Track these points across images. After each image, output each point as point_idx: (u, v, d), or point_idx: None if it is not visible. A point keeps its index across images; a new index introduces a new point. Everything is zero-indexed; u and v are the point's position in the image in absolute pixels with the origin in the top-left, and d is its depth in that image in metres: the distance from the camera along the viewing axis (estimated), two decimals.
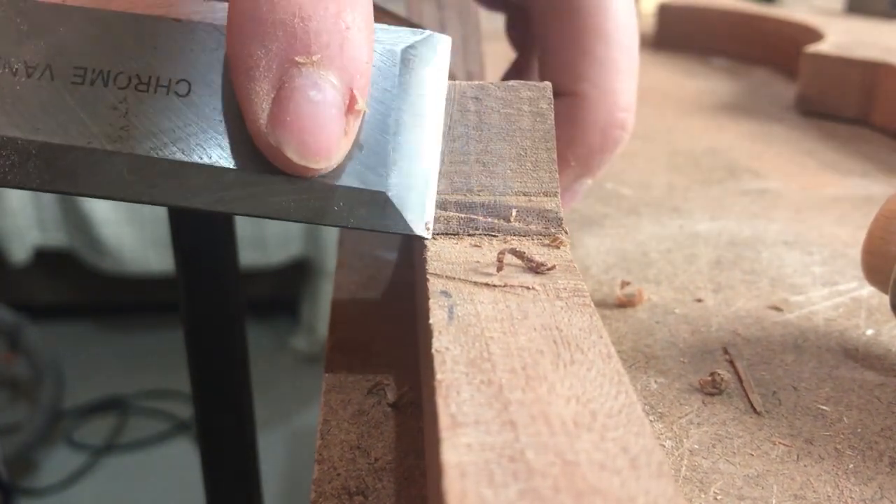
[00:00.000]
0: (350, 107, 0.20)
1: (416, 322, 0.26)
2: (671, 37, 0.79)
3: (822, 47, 0.57)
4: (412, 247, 0.29)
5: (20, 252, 1.87)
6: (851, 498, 0.20)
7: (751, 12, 0.73)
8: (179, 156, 0.21)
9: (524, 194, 0.23)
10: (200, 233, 0.47)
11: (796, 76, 0.59)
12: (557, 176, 0.24)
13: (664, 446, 0.22)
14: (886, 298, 0.31)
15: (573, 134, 0.29)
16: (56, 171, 0.21)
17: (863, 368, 0.26)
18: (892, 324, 0.29)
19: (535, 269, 0.21)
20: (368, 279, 0.31)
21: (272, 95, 0.20)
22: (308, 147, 0.20)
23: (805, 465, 0.22)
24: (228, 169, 0.21)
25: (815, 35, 0.64)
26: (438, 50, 0.23)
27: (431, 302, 0.19)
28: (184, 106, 0.21)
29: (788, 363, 0.26)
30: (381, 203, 0.21)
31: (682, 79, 0.68)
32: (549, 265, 0.21)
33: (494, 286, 0.20)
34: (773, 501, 0.20)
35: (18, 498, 1.61)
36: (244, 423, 0.54)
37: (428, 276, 0.21)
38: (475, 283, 0.20)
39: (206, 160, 0.21)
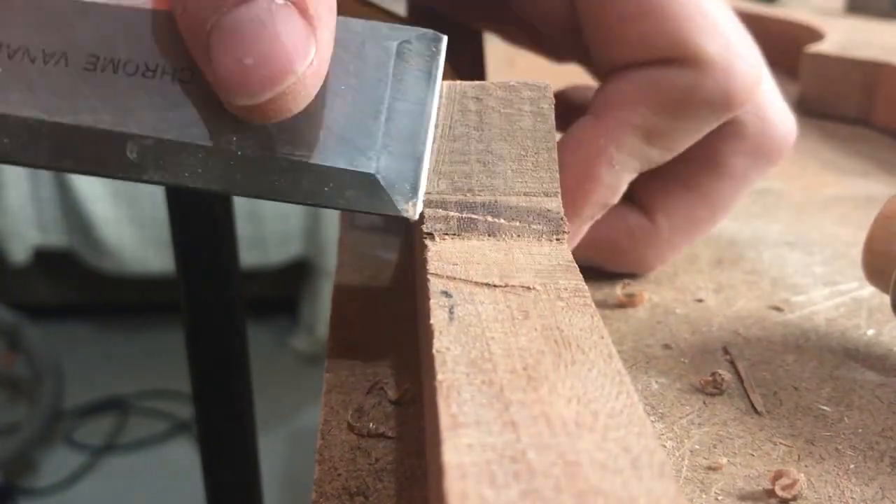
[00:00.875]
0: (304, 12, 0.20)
1: (417, 322, 0.26)
2: None
3: (822, 47, 0.57)
4: (413, 247, 0.29)
5: (20, 252, 1.87)
6: (853, 498, 0.20)
7: (751, 12, 0.73)
8: (180, 137, 0.22)
9: (525, 194, 0.23)
10: (200, 233, 0.47)
11: (796, 76, 0.59)
12: (558, 175, 0.24)
13: (665, 446, 0.22)
14: (887, 299, 0.31)
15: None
16: (64, 150, 0.22)
17: (864, 369, 0.26)
18: (893, 324, 0.29)
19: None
20: (368, 279, 0.31)
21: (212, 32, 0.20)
22: (263, 63, 0.20)
23: (806, 466, 0.22)
24: (226, 149, 0.22)
25: (815, 35, 0.64)
26: (434, 47, 0.23)
27: (432, 302, 0.19)
28: (187, 91, 0.22)
29: (789, 363, 0.26)
30: (370, 185, 0.22)
31: None
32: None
33: (495, 286, 0.20)
34: (774, 502, 0.20)
35: (18, 498, 1.61)
36: (244, 423, 0.54)
37: (428, 276, 0.21)
38: (476, 283, 0.20)
39: (205, 142, 0.22)
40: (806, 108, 0.57)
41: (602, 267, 0.31)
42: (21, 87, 0.22)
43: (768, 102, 0.29)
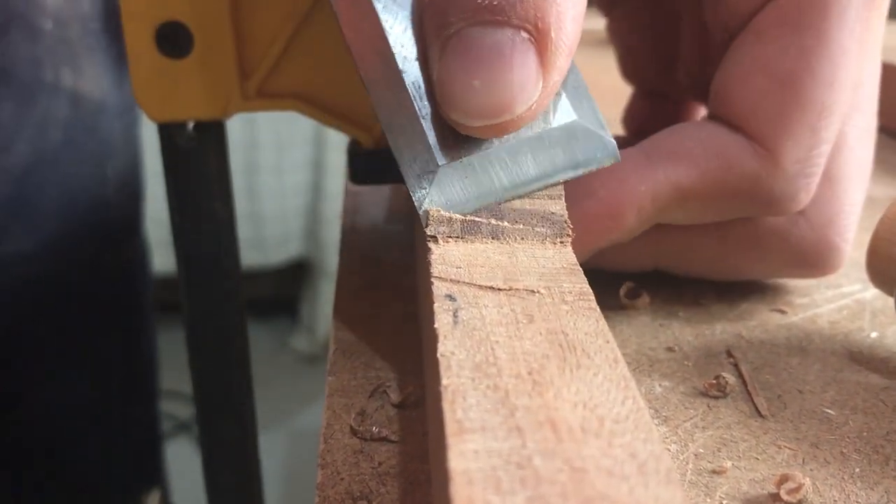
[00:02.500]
0: (542, 51, 0.20)
1: (421, 326, 0.26)
2: None
3: None
4: (416, 249, 0.29)
5: None
6: (858, 502, 0.20)
7: None
8: None
9: (529, 197, 0.23)
10: (201, 233, 0.47)
11: None
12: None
13: (669, 450, 0.22)
14: (891, 301, 0.31)
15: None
16: None
17: (867, 371, 0.26)
18: None
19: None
20: (371, 281, 0.31)
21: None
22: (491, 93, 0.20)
23: (811, 469, 0.21)
24: None
25: None
26: None
27: (436, 306, 0.19)
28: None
29: (793, 366, 0.26)
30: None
31: None
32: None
33: (499, 289, 0.20)
34: None
35: None
36: (244, 423, 0.54)
37: (432, 280, 0.20)
38: (480, 287, 0.20)
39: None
40: None
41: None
42: None
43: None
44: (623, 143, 0.26)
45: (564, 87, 0.23)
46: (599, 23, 0.38)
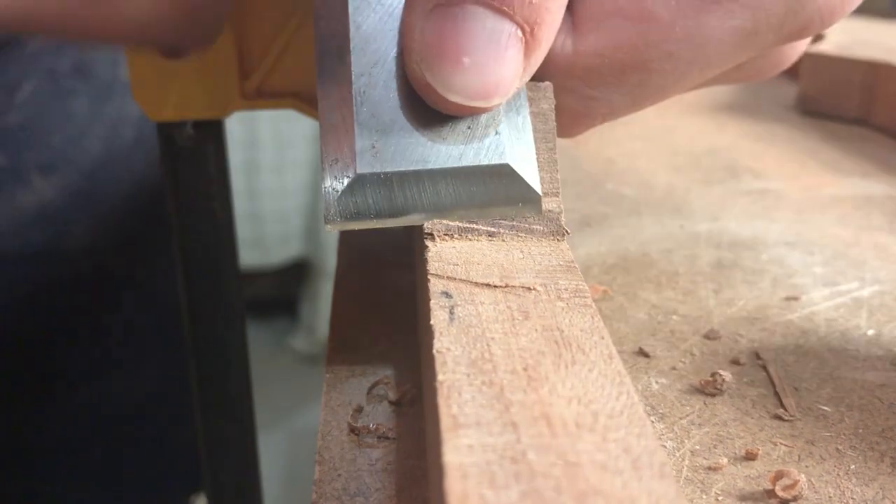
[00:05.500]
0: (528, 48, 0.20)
1: (417, 323, 0.26)
2: None
3: (822, 47, 0.57)
4: (413, 247, 0.29)
5: None
6: (853, 499, 0.20)
7: None
8: None
9: None
10: (201, 233, 0.47)
11: (797, 76, 0.59)
12: (558, 176, 0.24)
13: (665, 447, 0.22)
14: (888, 298, 0.31)
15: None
16: None
17: (864, 369, 0.26)
18: (893, 324, 0.29)
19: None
20: (369, 279, 0.31)
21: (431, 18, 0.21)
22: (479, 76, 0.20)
23: (807, 466, 0.22)
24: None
25: (815, 35, 0.64)
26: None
27: (432, 303, 0.19)
28: None
29: (789, 363, 0.26)
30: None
31: None
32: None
33: (495, 286, 0.20)
34: (774, 502, 0.20)
35: None
36: (244, 423, 0.54)
37: (429, 277, 0.21)
38: (476, 284, 0.20)
39: None
40: (806, 108, 0.57)
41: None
42: None
43: None
44: None
45: (508, 123, 0.23)
46: None
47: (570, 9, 0.23)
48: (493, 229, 0.23)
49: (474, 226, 0.23)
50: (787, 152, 0.49)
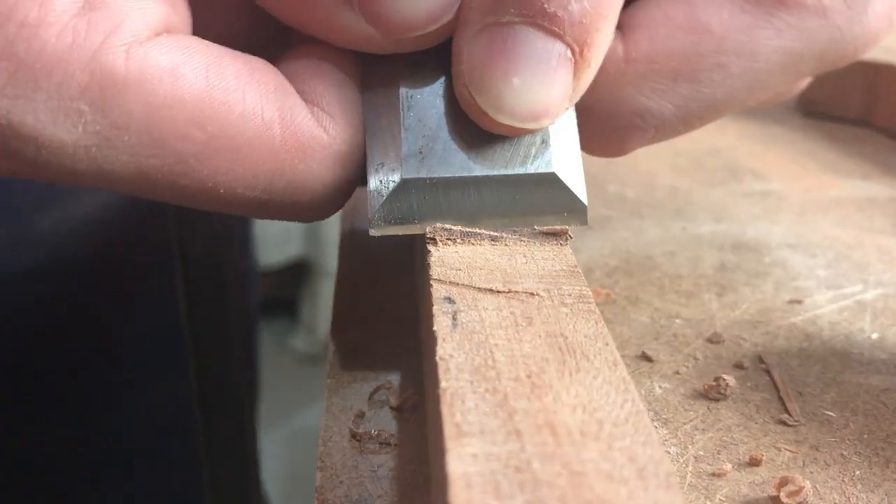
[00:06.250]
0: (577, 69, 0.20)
1: (420, 328, 0.26)
2: None
3: None
4: (415, 251, 0.28)
5: None
6: None
7: None
8: None
9: None
10: (202, 234, 0.47)
11: None
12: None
13: (669, 453, 0.22)
14: (891, 301, 0.30)
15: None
16: None
17: (868, 373, 0.26)
18: None
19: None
20: (371, 282, 0.31)
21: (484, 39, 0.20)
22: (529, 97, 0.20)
23: (811, 472, 0.21)
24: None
25: None
26: None
27: (435, 308, 0.19)
28: None
29: (793, 367, 0.26)
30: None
31: None
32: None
33: (498, 292, 0.20)
34: None
35: None
36: (244, 423, 0.54)
37: (431, 282, 0.20)
38: (479, 289, 0.20)
39: None
40: (807, 110, 0.57)
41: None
42: None
43: None
44: None
45: (556, 132, 0.23)
46: None
47: (619, 19, 0.23)
48: (495, 233, 0.23)
49: (476, 230, 0.23)
50: (788, 154, 0.49)
